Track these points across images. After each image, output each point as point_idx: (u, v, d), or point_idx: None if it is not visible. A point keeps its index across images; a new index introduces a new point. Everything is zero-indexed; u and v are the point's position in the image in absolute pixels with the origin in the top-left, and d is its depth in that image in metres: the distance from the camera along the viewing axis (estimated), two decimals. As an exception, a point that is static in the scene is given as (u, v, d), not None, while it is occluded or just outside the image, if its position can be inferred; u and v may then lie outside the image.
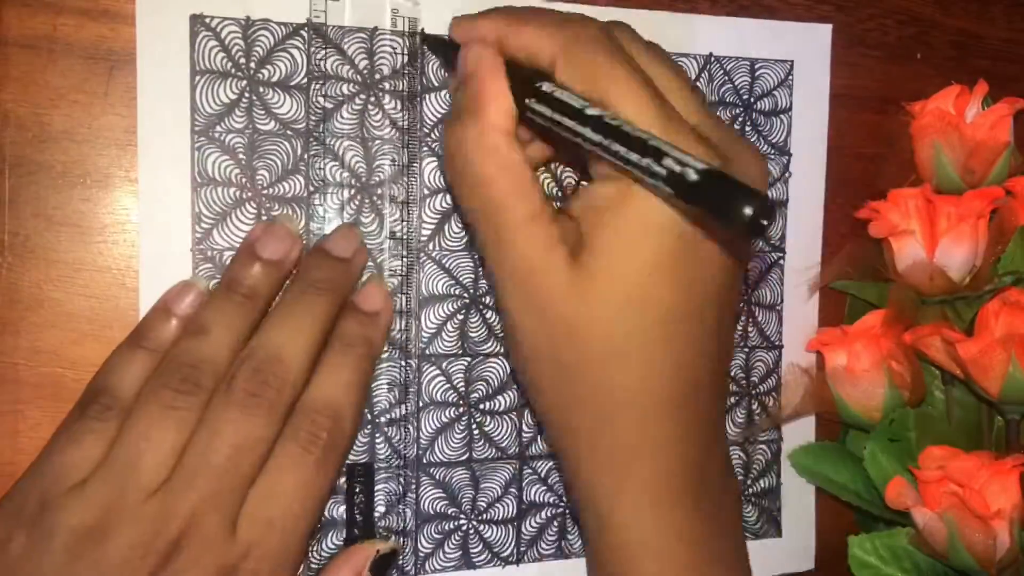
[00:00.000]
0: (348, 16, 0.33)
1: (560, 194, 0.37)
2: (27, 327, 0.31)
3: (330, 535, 0.34)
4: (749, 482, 0.39)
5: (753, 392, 0.39)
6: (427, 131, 0.35)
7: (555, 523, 0.37)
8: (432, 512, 0.36)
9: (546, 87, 0.28)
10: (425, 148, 0.35)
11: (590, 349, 0.28)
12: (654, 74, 0.29)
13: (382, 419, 0.35)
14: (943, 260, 0.36)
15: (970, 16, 0.44)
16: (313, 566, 0.34)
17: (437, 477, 0.36)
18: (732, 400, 0.39)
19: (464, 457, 0.36)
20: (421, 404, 0.35)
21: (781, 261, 0.40)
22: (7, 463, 0.31)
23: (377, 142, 0.34)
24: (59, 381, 0.32)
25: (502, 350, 0.36)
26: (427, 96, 0.35)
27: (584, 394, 0.29)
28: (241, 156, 0.33)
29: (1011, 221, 0.37)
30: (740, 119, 0.39)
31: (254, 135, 0.33)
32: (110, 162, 0.32)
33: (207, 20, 0.32)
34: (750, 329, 0.39)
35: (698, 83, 0.38)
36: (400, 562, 0.35)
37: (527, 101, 0.29)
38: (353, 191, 0.34)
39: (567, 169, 0.36)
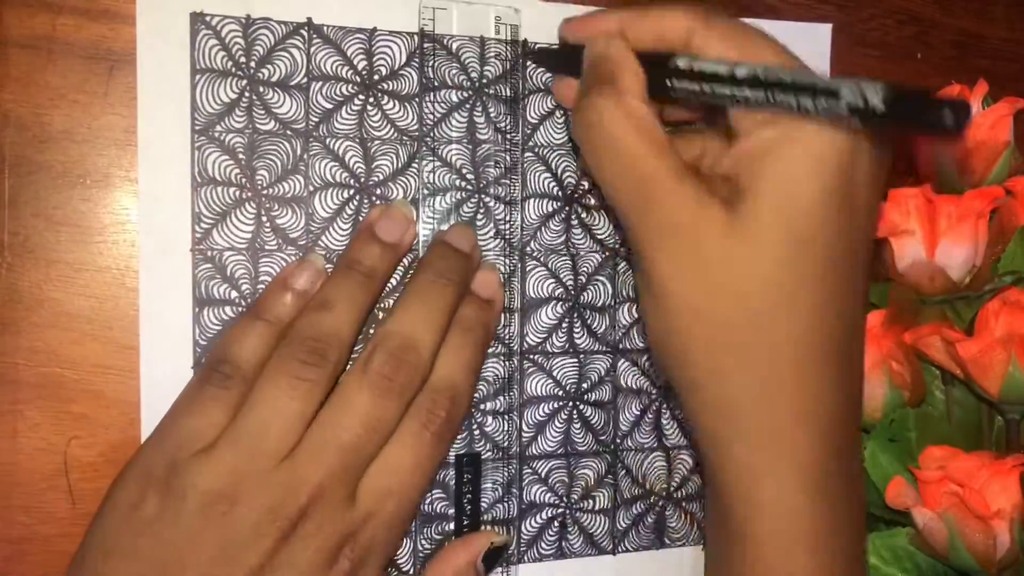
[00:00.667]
0: (456, 25, 0.35)
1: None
2: (27, 327, 0.31)
3: (435, 525, 0.35)
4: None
5: None
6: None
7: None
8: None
9: (682, 62, 0.29)
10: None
11: (757, 299, 0.28)
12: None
13: (488, 413, 0.36)
14: (943, 260, 0.36)
15: (970, 16, 0.44)
16: (421, 555, 0.35)
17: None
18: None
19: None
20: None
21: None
22: (7, 463, 0.31)
23: (484, 145, 0.35)
24: (59, 381, 0.32)
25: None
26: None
27: (743, 358, 0.28)
28: (241, 156, 0.33)
29: (1011, 221, 0.37)
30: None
31: (254, 135, 0.33)
32: (110, 162, 0.32)
33: (207, 18, 0.32)
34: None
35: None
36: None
37: (668, 82, 0.29)
38: (462, 193, 0.35)
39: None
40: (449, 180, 0.35)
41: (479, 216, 0.36)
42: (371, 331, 0.34)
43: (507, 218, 0.36)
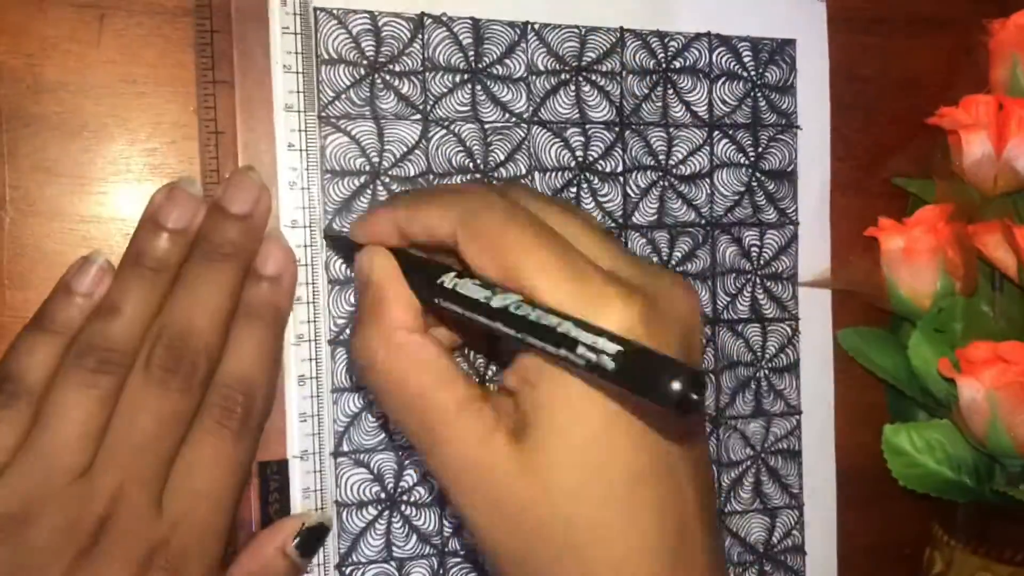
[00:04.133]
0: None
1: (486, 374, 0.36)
2: (33, 280, 0.31)
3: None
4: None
5: (765, 366, 0.39)
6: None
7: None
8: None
9: (447, 282, 0.26)
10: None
11: (561, 535, 0.25)
12: (558, 224, 0.27)
13: (294, 412, 0.33)
14: (1011, 156, 0.37)
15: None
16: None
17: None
18: (744, 373, 0.39)
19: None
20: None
21: (798, 231, 0.40)
22: (22, 417, 0.31)
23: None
24: (69, 334, 0.31)
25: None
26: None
27: None
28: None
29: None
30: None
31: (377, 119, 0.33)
32: (107, 111, 0.32)
33: (331, 11, 0.34)
34: (763, 299, 0.39)
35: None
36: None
37: (435, 300, 0.27)
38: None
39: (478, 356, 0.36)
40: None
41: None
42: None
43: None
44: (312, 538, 0.32)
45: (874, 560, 0.41)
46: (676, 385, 0.20)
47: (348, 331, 0.34)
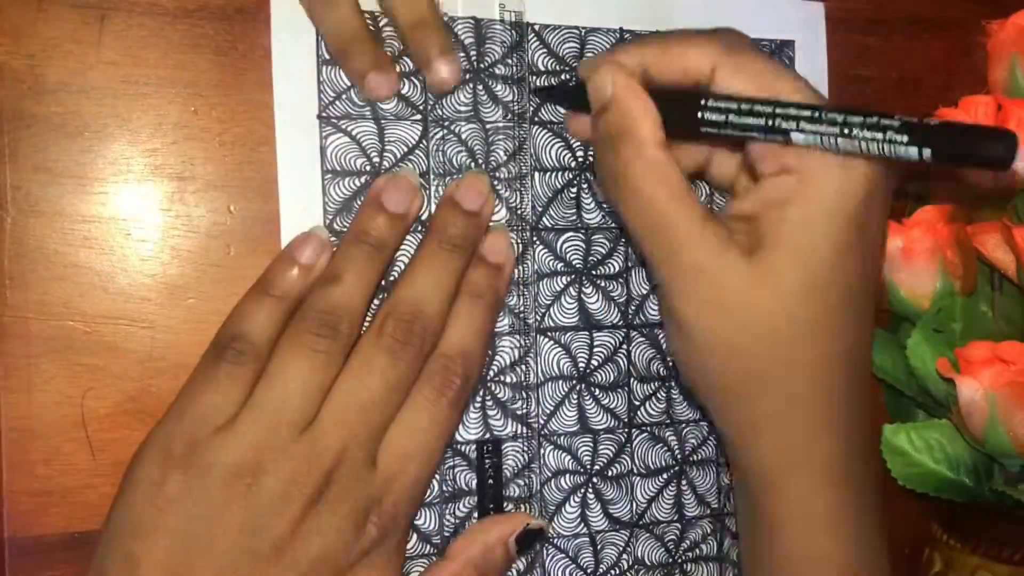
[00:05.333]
0: (461, 7, 0.35)
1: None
2: (35, 280, 0.31)
3: (461, 501, 0.35)
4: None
5: None
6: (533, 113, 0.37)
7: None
8: (554, 471, 0.36)
9: (720, 102, 0.29)
10: (536, 128, 0.37)
11: (776, 337, 0.30)
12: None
13: (504, 393, 0.36)
14: None
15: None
16: (447, 532, 0.35)
17: (561, 444, 0.37)
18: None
19: (577, 428, 0.37)
20: (541, 377, 0.36)
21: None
22: (22, 416, 0.31)
23: (491, 124, 0.36)
24: (70, 333, 0.31)
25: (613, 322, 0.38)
26: (534, 79, 0.37)
27: (768, 383, 0.30)
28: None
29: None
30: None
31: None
32: (108, 112, 0.32)
33: None
34: None
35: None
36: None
37: (702, 115, 0.29)
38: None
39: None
40: (460, 159, 0.35)
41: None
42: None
43: (519, 196, 0.36)
44: (531, 538, 0.35)
45: (873, 560, 0.41)
46: (1000, 146, 0.24)
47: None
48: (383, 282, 0.34)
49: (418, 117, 0.35)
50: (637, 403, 0.37)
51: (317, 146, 0.34)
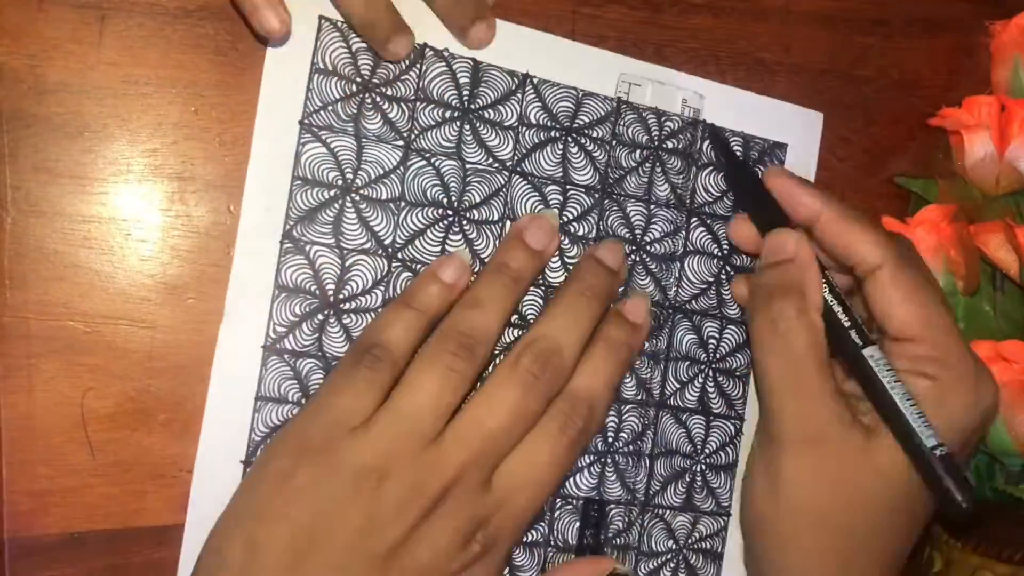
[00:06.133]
0: (648, 98, 0.37)
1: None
2: (35, 280, 0.31)
3: (562, 553, 0.36)
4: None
5: (703, 460, 0.38)
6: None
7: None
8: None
9: (838, 310, 0.33)
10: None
11: (874, 519, 0.33)
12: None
13: (619, 457, 0.37)
14: (1013, 156, 0.38)
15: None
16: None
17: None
18: (681, 464, 0.38)
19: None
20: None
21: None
22: (24, 416, 0.31)
23: (655, 205, 0.38)
24: (71, 334, 0.31)
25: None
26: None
27: (846, 561, 0.33)
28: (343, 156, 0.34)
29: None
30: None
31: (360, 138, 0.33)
32: (108, 112, 0.32)
33: (336, 23, 0.34)
34: (712, 393, 0.39)
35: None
36: None
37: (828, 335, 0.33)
38: (631, 252, 0.37)
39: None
40: (622, 233, 0.37)
41: (637, 270, 0.37)
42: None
43: (667, 274, 0.37)
44: None
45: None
46: (962, 502, 0.30)
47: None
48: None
49: (400, 143, 0.35)
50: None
51: (293, 151, 0.33)
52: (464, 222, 0.35)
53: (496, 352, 0.34)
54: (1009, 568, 0.35)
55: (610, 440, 0.37)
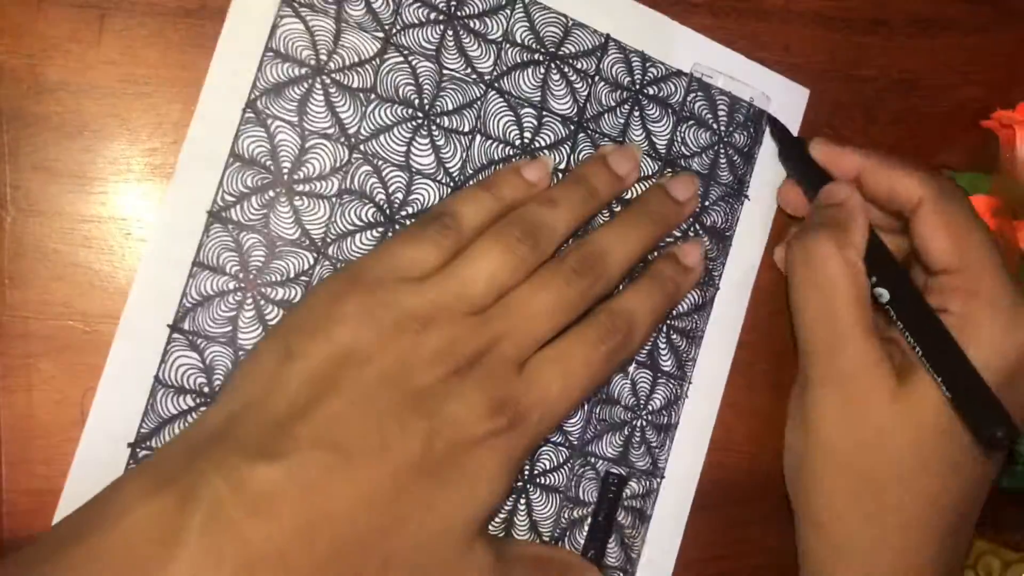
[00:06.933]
0: (722, 84, 0.39)
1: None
2: (34, 280, 0.31)
3: (579, 508, 0.37)
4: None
5: (644, 416, 0.37)
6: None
7: None
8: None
9: (893, 302, 0.33)
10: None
11: (898, 464, 0.32)
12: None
13: (649, 431, 0.37)
14: None
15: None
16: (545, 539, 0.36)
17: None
18: (621, 416, 0.37)
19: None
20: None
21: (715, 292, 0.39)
22: (24, 416, 0.31)
23: (718, 188, 0.38)
24: (70, 333, 0.31)
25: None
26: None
27: (876, 510, 0.32)
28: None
29: None
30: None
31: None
32: (107, 111, 0.32)
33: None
34: (664, 350, 0.38)
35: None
36: None
37: (872, 279, 0.33)
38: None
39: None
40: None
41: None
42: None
43: (718, 250, 0.38)
44: None
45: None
46: (999, 432, 0.28)
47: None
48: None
49: (380, 34, 0.34)
50: None
51: (270, 23, 0.33)
52: (433, 127, 0.35)
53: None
54: (1017, 554, 0.35)
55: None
